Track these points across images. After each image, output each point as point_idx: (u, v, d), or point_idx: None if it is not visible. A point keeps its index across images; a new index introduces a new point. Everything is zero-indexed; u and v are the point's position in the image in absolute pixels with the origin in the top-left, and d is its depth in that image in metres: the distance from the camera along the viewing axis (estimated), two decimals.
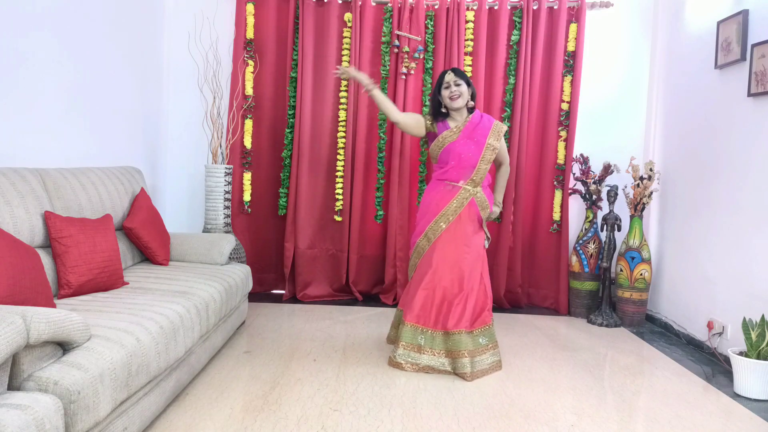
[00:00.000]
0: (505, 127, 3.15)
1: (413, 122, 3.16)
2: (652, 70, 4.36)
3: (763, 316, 2.83)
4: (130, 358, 1.92)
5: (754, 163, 3.17)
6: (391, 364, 3.00)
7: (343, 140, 4.35)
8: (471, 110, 3.16)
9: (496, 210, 3.22)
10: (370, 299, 4.47)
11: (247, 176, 4.41)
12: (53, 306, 2.10)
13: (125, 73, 3.74)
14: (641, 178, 3.99)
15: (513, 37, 4.29)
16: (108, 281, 2.63)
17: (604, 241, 4.14)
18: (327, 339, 3.44)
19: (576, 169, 4.32)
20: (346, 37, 4.33)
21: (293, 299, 4.40)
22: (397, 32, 4.25)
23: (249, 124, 4.38)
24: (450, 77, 3.08)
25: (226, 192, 4.07)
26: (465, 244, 3.06)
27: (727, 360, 3.15)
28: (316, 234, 4.43)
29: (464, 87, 3.08)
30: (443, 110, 3.14)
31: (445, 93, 3.08)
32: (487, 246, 3.19)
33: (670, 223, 4.05)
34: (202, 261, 3.45)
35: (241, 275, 3.41)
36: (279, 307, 4.14)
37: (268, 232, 4.50)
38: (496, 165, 3.28)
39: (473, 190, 3.09)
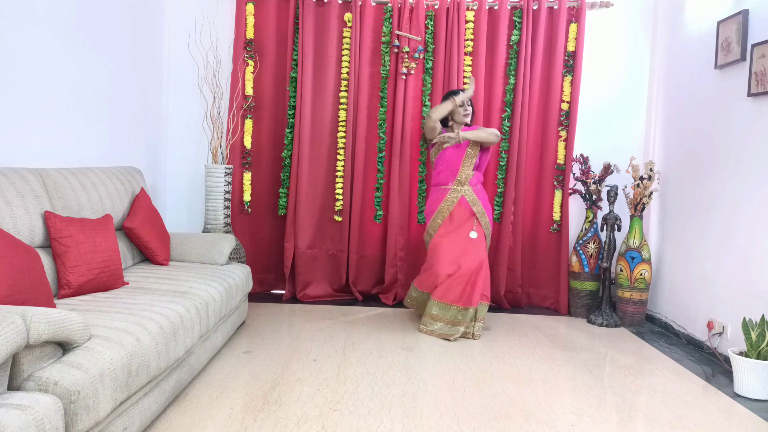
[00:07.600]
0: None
1: (433, 125, 3.81)
2: (652, 70, 4.36)
3: (763, 316, 2.83)
4: (130, 358, 1.92)
5: (755, 162, 3.17)
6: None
7: (343, 140, 4.35)
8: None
9: (453, 135, 3.67)
10: (370, 299, 4.47)
11: (247, 176, 4.41)
12: (53, 306, 2.10)
13: (125, 73, 3.74)
14: (641, 178, 3.99)
15: (513, 37, 4.29)
16: (108, 281, 2.63)
17: (604, 241, 4.14)
18: (327, 339, 3.44)
19: (576, 169, 4.32)
20: (346, 37, 4.33)
21: (293, 299, 4.40)
22: (397, 32, 4.25)
23: (249, 124, 4.38)
24: (465, 98, 3.74)
25: (226, 192, 4.07)
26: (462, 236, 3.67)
27: (727, 360, 3.15)
28: (316, 234, 4.43)
29: (472, 108, 3.84)
30: (449, 123, 3.84)
31: (460, 110, 3.75)
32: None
33: (670, 223, 4.05)
34: (202, 261, 3.45)
35: (241, 275, 3.41)
36: (279, 307, 4.14)
37: (268, 232, 4.50)
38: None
39: (461, 189, 3.70)
